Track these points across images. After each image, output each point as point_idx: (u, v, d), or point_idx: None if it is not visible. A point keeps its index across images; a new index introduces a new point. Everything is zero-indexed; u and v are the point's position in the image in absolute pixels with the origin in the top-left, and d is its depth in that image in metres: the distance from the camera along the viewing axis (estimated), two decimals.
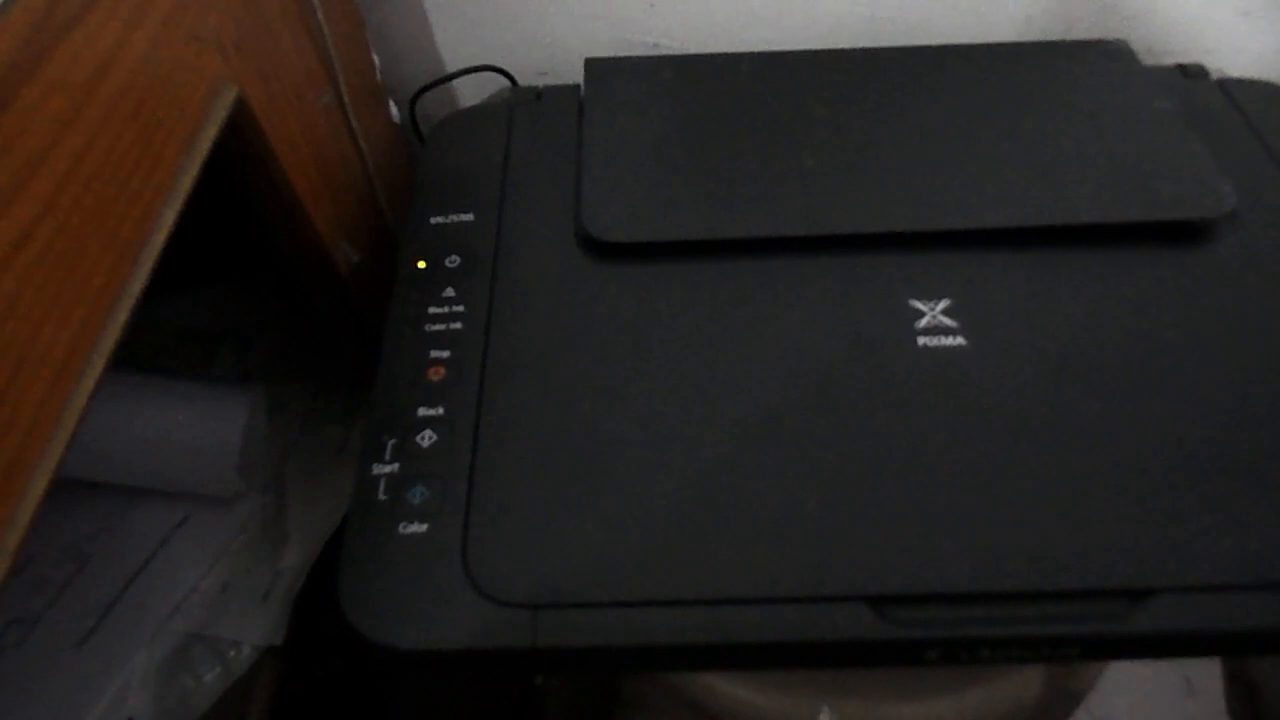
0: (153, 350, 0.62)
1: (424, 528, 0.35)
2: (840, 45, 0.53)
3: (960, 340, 0.39)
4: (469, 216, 0.46)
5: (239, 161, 0.40)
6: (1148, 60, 0.51)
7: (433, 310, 0.42)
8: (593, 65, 0.52)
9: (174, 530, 0.53)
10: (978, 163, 0.46)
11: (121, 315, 0.29)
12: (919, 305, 0.41)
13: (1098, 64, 0.51)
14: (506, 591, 0.33)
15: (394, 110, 0.58)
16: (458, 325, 0.41)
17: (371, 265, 0.52)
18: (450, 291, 0.43)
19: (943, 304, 0.41)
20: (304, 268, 0.48)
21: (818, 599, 0.33)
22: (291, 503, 0.55)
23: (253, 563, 0.52)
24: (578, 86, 0.52)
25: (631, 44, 0.57)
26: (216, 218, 0.53)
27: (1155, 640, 0.32)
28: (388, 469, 0.37)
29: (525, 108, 0.51)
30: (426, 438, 0.38)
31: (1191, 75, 0.52)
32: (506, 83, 0.57)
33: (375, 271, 0.51)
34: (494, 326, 0.41)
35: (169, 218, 0.32)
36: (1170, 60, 0.52)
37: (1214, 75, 0.51)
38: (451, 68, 0.58)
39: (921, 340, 0.39)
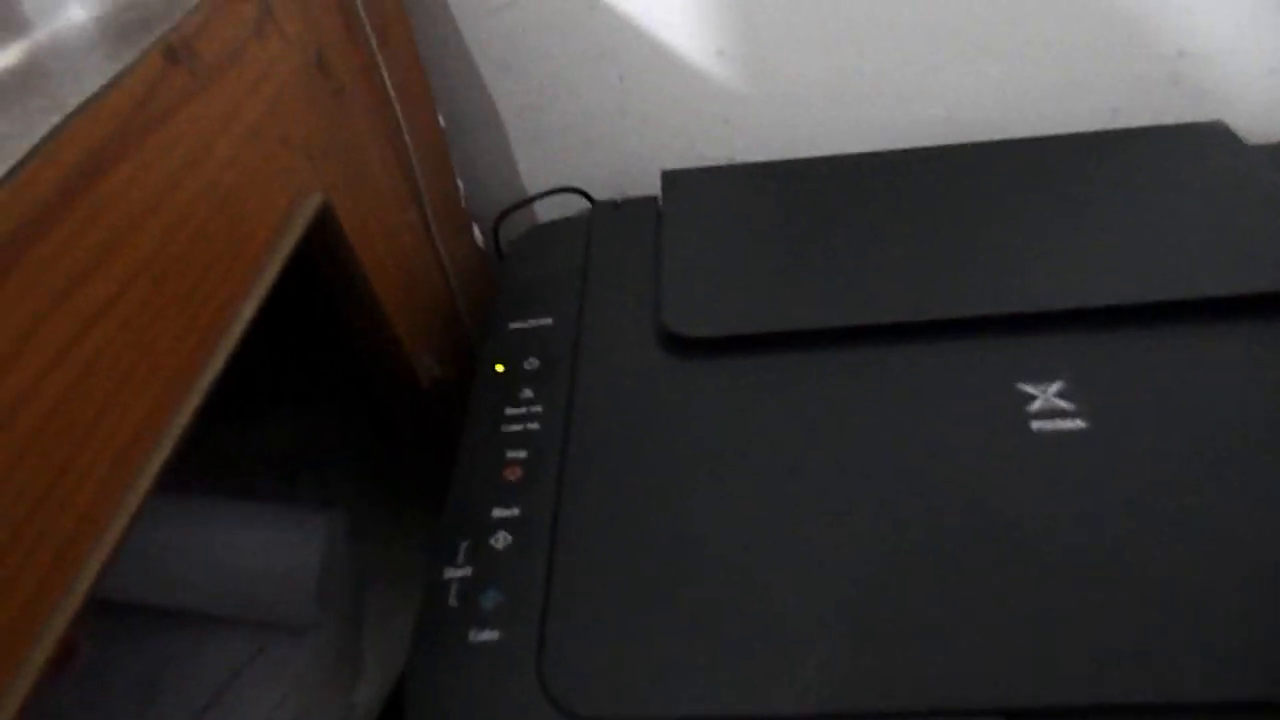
0: (234, 476, 0.62)
1: (496, 635, 0.32)
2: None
3: (1078, 423, 0.36)
4: (548, 321, 0.45)
5: (324, 266, 0.41)
6: (1248, 141, 0.49)
7: (510, 411, 0.41)
8: (669, 176, 0.52)
9: (248, 661, 0.51)
10: (1075, 244, 0.43)
11: (194, 401, 0.29)
12: (1029, 389, 0.37)
13: (1197, 144, 0.49)
14: (585, 706, 0.30)
15: (478, 234, 0.60)
16: (535, 425, 0.40)
17: (453, 381, 0.51)
18: (528, 393, 0.41)
19: (1055, 386, 0.37)
20: (385, 379, 0.48)
21: (944, 713, 0.28)
22: (369, 631, 0.52)
23: (327, 695, 0.49)
24: (656, 198, 0.52)
25: (708, 160, 0.57)
26: (301, 341, 0.54)
27: None
28: (460, 573, 0.34)
29: (604, 219, 0.52)
30: (501, 540, 0.35)
31: None
32: (587, 204, 0.58)
33: (456, 388, 0.51)
34: (573, 426, 0.39)
35: (248, 311, 0.32)
36: (1270, 140, 0.49)
37: None
38: (533, 190, 0.60)
39: (1035, 424, 0.36)
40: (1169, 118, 0.53)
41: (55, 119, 0.24)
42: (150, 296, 0.27)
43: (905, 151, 0.51)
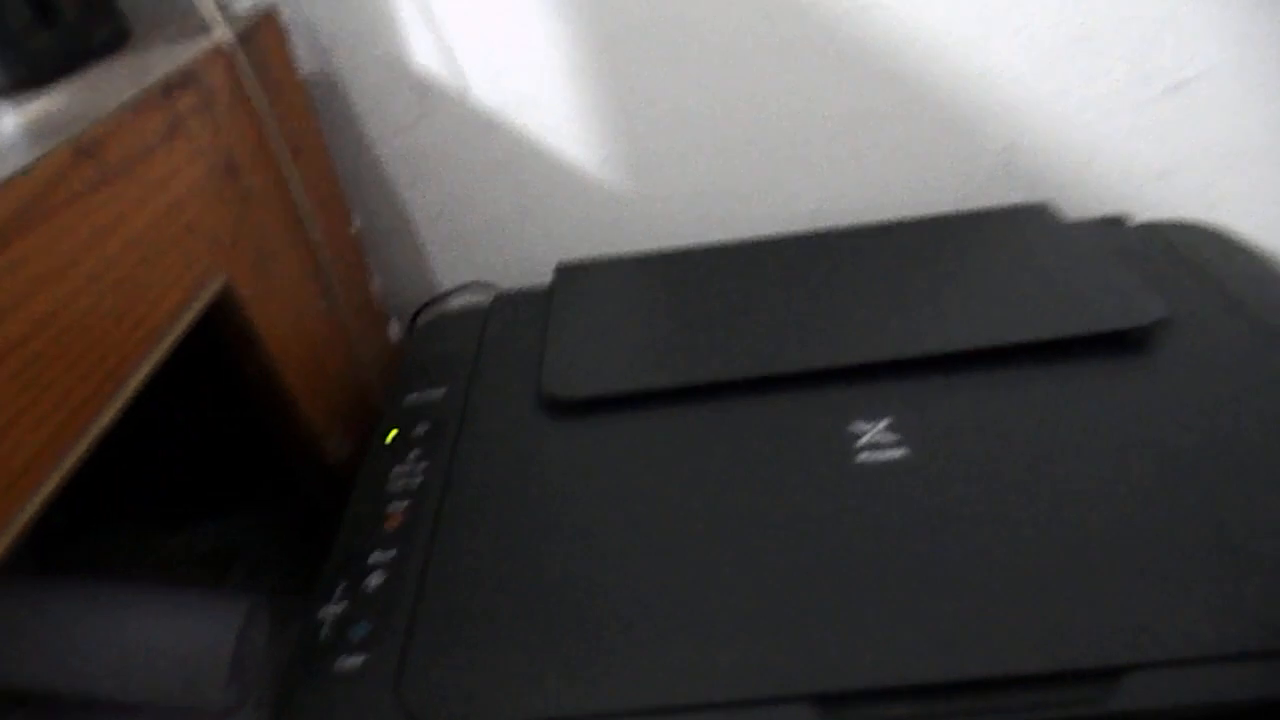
0: (164, 576, 0.64)
1: (360, 660, 0.35)
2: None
3: (901, 452, 0.40)
4: (440, 392, 0.49)
5: (230, 345, 0.45)
6: (1068, 217, 0.55)
7: (397, 469, 0.44)
8: (562, 267, 0.58)
9: None
10: (907, 306, 0.49)
11: (82, 445, 0.33)
12: (862, 426, 0.42)
13: (1020, 222, 0.55)
14: (437, 716, 0.32)
15: (395, 326, 0.64)
16: (419, 479, 0.43)
17: (362, 460, 0.54)
18: (416, 453, 0.45)
19: (883, 423, 0.42)
20: (295, 457, 0.51)
21: (762, 701, 0.31)
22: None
23: None
24: (550, 288, 0.57)
25: (602, 252, 0.63)
26: (225, 442, 0.58)
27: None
28: (334, 609, 0.37)
29: (501, 307, 0.57)
30: (375, 579, 0.38)
31: (1114, 221, 0.55)
32: None
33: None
34: (453, 478, 0.43)
35: (144, 370, 0.36)
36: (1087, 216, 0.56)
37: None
38: (447, 286, 0.65)
39: (861, 456, 0.40)
40: (1006, 200, 0.60)
41: None
42: (46, 349, 0.32)
43: (775, 239, 0.57)
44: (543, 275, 0.58)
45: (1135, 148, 0.60)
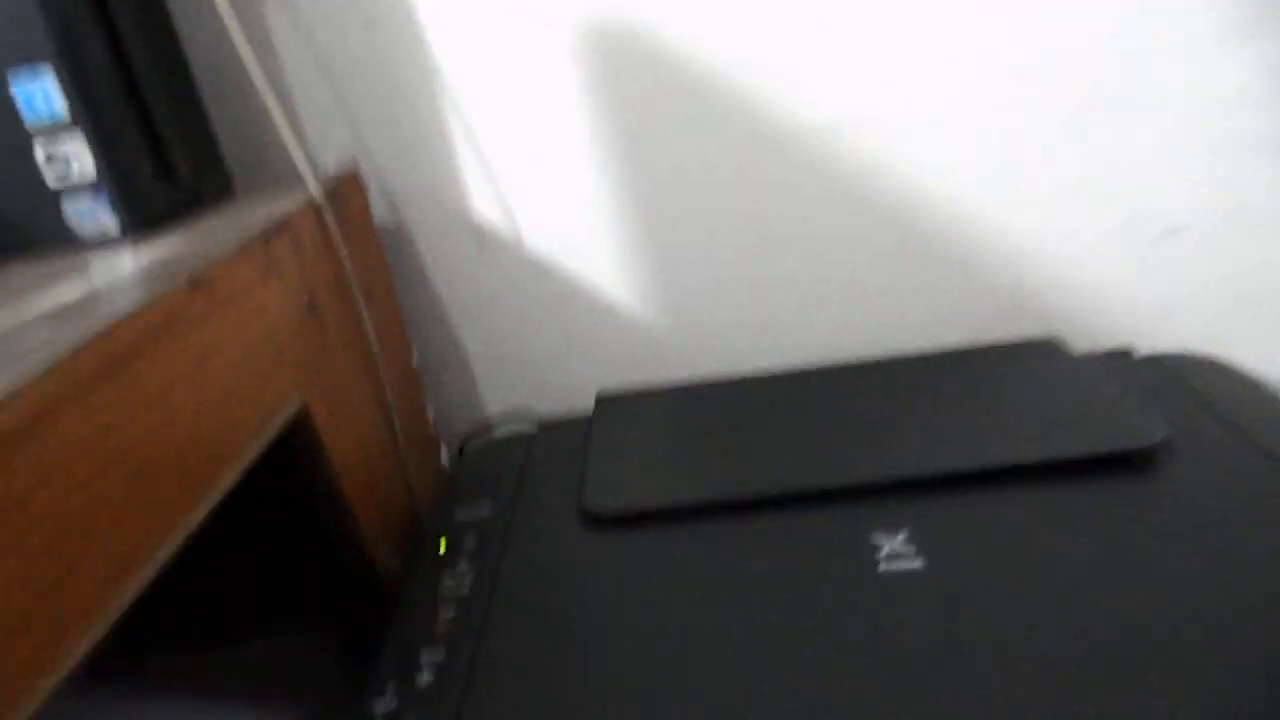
0: (206, 699, 0.66)
1: None
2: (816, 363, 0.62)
3: (919, 563, 0.42)
4: (487, 509, 0.53)
5: (300, 459, 0.50)
6: (1076, 350, 0.59)
7: (447, 581, 0.47)
8: (602, 395, 0.62)
9: None
10: (923, 431, 0.52)
11: (173, 544, 0.37)
12: (881, 538, 0.44)
13: (1033, 354, 0.59)
14: None
15: (445, 453, 0.69)
16: (467, 589, 0.46)
17: (411, 573, 0.58)
18: (464, 563, 0.48)
19: (901, 535, 0.44)
20: (348, 566, 0.55)
21: None
22: None
23: None
24: (591, 418, 0.62)
25: (642, 380, 0.67)
26: (276, 568, 0.61)
27: None
28: (386, 705, 0.40)
29: (544, 432, 0.61)
30: (424, 677, 0.41)
31: (1120, 354, 0.58)
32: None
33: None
34: (498, 586, 0.46)
35: (228, 479, 0.41)
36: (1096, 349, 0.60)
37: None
38: (494, 412, 0.70)
39: (883, 567, 0.42)
40: (1017, 334, 0.64)
41: (94, 327, 0.35)
42: (153, 456, 0.36)
43: (801, 370, 0.62)
44: (585, 404, 0.63)
45: (1137, 287, 0.64)
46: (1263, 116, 0.59)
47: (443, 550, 0.50)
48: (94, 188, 0.49)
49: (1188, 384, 0.54)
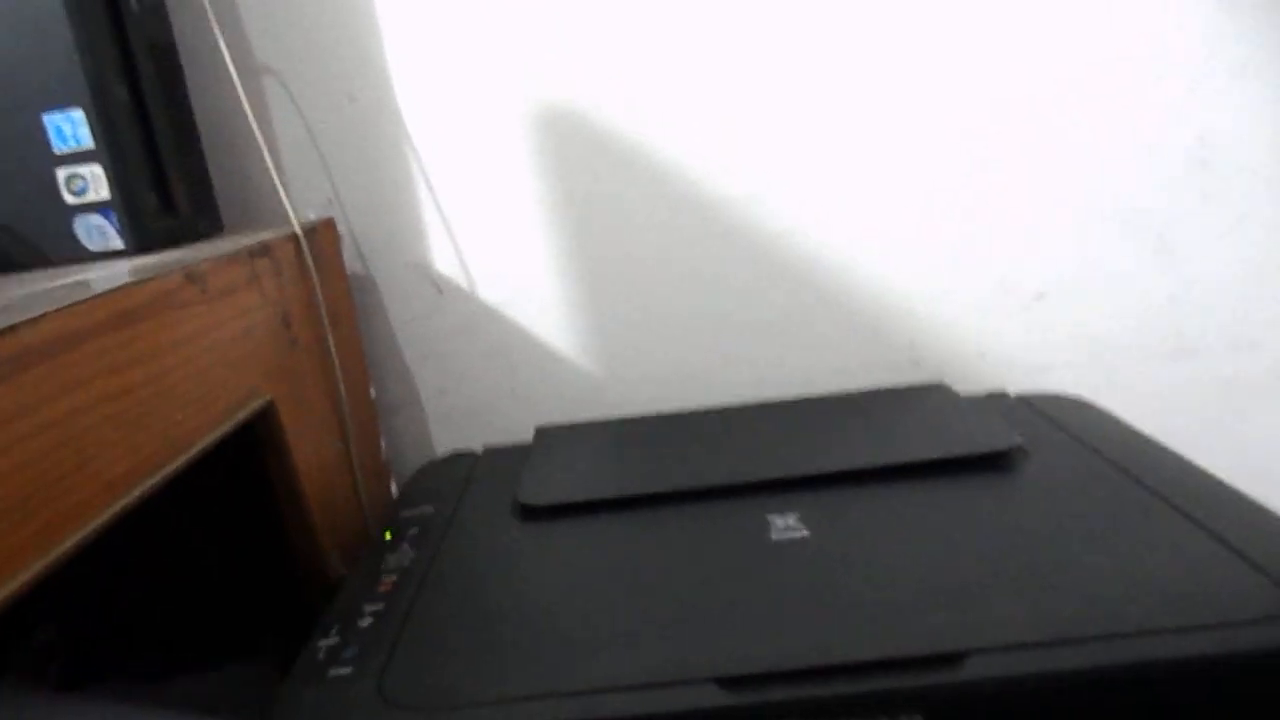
0: None
1: (349, 670, 0.42)
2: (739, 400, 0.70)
3: (805, 533, 0.49)
4: (431, 509, 0.59)
5: (264, 449, 0.55)
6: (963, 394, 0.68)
7: (390, 556, 0.53)
8: (542, 428, 0.69)
9: None
10: (823, 443, 0.60)
11: (134, 496, 0.42)
12: (776, 519, 0.51)
13: (920, 393, 0.67)
14: (412, 700, 0.39)
15: (394, 486, 0.74)
16: (408, 563, 0.52)
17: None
18: (407, 547, 0.54)
19: (793, 517, 0.51)
20: (301, 569, 0.59)
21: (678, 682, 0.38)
22: None
23: None
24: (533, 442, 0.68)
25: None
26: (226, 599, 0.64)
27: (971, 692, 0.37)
28: (329, 641, 0.44)
29: (488, 454, 0.67)
30: (366, 620, 0.46)
31: (997, 395, 0.67)
32: None
33: None
34: (437, 559, 0.51)
35: (197, 449, 0.47)
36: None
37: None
38: (443, 451, 0.76)
39: (775, 537, 0.49)
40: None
41: (96, 288, 0.42)
42: (144, 400, 0.43)
43: (722, 408, 0.69)
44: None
45: (1016, 344, 0.74)
46: (1124, 189, 0.70)
47: (389, 538, 0.56)
48: (105, 209, 0.56)
49: (1049, 414, 0.63)
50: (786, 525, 0.50)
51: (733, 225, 0.72)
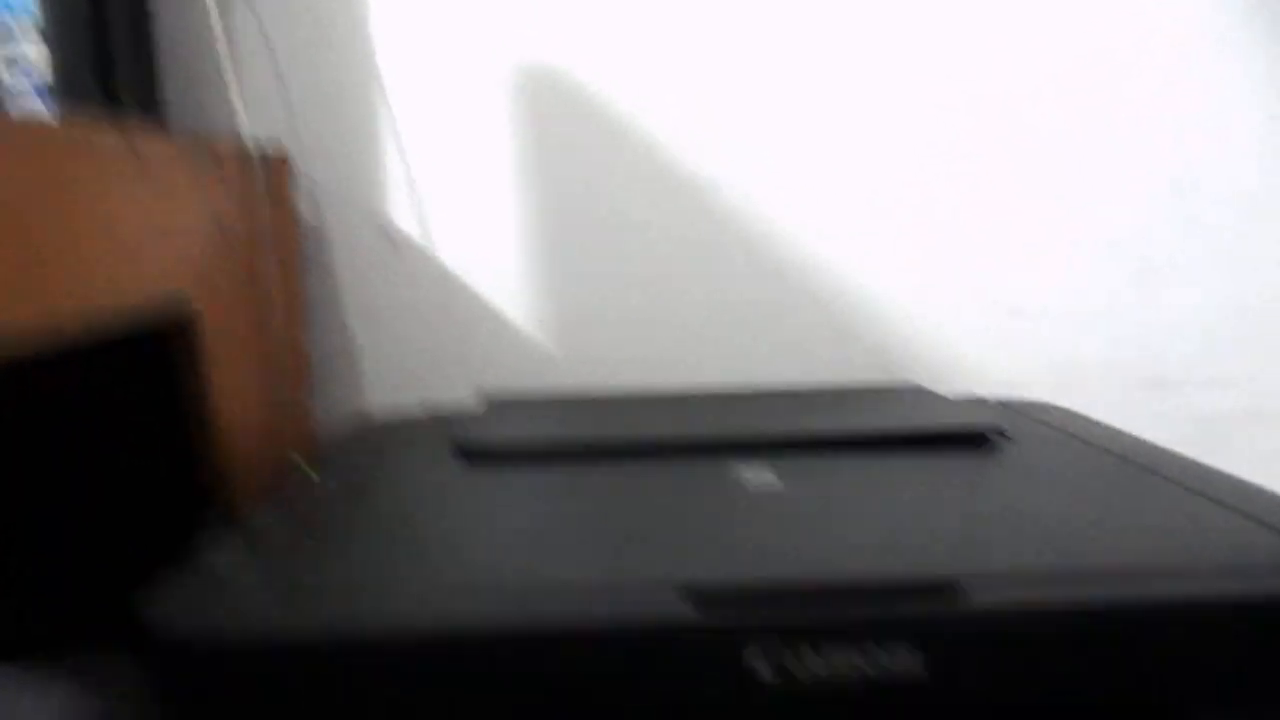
0: None
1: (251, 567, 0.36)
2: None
3: (780, 486, 0.45)
4: (361, 457, 0.53)
5: (179, 369, 0.49)
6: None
7: (305, 495, 0.47)
8: (486, 391, 0.64)
9: None
10: (800, 414, 0.56)
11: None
12: (748, 474, 0.47)
13: (898, 390, 0.64)
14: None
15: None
16: (329, 489, 0.46)
17: None
18: (332, 482, 0.48)
19: (768, 474, 0.47)
20: (200, 505, 0.53)
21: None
22: None
23: None
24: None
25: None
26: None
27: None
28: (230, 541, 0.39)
29: (428, 412, 0.62)
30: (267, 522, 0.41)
31: (975, 398, 0.65)
32: None
33: None
34: (364, 497, 0.46)
35: (110, 330, 0.41)
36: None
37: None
38: (374, 407, 0.70)
39: (750, 487, 0.45)
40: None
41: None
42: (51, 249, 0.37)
43: (685, 390, 0.65)
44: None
45: (987, 358, 0.72)
46: (1107, 214, 0.70)
47: (315, 478, 0.50)
48: (43, 90, 0.51)
49: (1030, 413, 0.60)
50: (760, 480, 0.46)
51: (709, 213, 0.70)
